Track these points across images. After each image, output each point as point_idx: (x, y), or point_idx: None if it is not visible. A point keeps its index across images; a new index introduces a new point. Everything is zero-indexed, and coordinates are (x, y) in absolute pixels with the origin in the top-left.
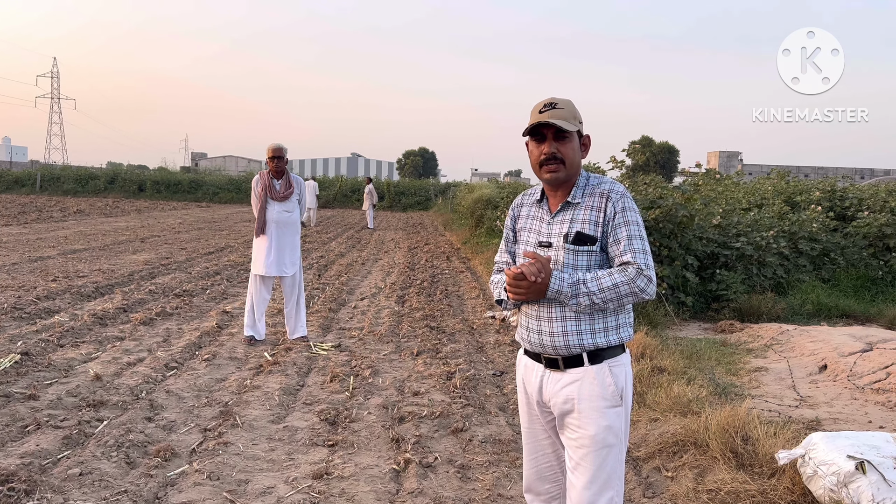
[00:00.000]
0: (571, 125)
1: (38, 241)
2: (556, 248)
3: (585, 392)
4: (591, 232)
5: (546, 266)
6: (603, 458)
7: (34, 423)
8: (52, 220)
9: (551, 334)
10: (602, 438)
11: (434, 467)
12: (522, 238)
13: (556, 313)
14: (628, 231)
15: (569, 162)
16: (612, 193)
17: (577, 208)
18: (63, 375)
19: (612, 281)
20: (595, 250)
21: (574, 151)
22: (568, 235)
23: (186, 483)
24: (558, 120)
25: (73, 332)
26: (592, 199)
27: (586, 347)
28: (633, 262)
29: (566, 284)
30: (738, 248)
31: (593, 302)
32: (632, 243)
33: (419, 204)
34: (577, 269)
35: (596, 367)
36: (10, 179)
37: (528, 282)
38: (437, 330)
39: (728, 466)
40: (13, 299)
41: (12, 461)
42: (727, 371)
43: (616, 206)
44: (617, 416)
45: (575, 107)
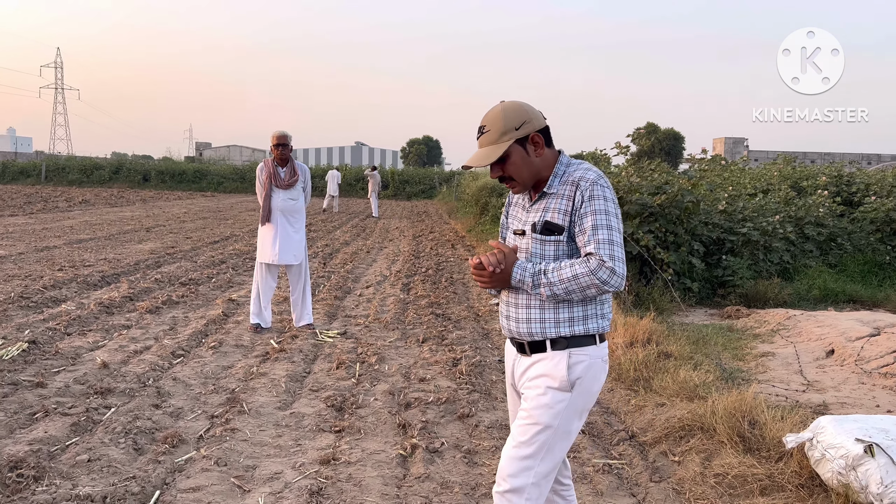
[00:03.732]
0: (500, 145)
1: (44, 230)
2: (527, 236)
3: (539, 370)
4: (559, 221)
5: (510, 255)
6: (534, 433)
7: (42, 411)
8: (58, 210)
9: (517, 320)
10: (537, 414)
11: (441, 452)
12: (509, 223)
13: (522, 301)
14: (594, 220)
15: (519, 176)
16: (581, 181)
17: (552, 197)
18: (70, 363)
19: (572, 272)
20: (562, 240)
21: (520, 165)
22: (536, 224)
23: (194, 469)
24: (478, 158)
25: (80, 320)
26: (564, 188)
27: (549, 336)
28: (596, 252)
29: (528, 274)
30: (744, 233)
31: (554, 293)
32: (596, 233)
33: (423, 192)
34: (544, 259)
35: (556, 353)
36: (15, 170)
37: (489, 271)
38: (443, 317)
39: (735, 451)
40: (20, 288)
41: (21, 448)
42: (734, 356)
43: (584, 194)
44: (560, 400)
45: (511, 112)
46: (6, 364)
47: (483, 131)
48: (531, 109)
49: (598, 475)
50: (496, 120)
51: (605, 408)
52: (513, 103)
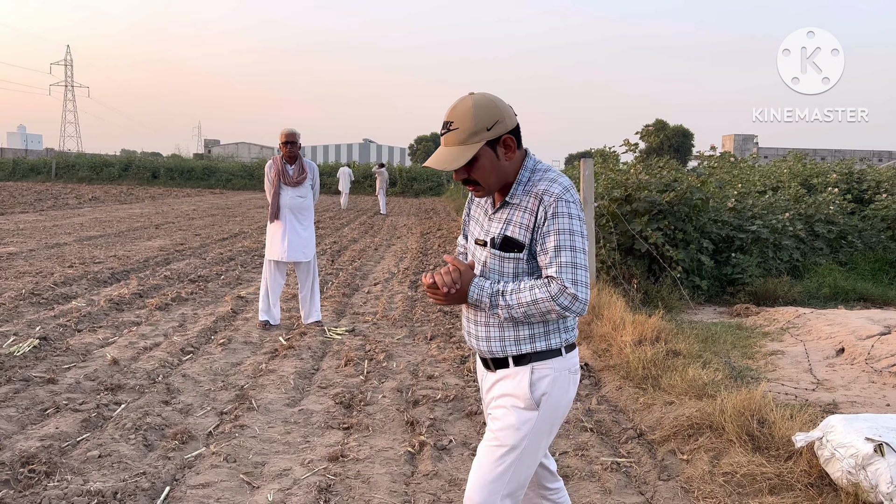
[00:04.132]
0: (469, 146)
1: (55, 227)
2: (486, 249)
3: (503, 389)
4: (519, 237)
5: (466, 273)
6: (500, 455)
7: (53, 407)
8: (68, 207)
9: (477, 337)
10: (502, 436)
11: (449, 450)
12: (470, 228)
13: (481, 318)
14: (556, 241)
15: (485, 182)
16: (545, 195)
17: (514, 209)
18: (81, 360)
19: (531, 296)
20: (522, 258)
21: (489, 169)
22: (495, 239)
23: (203, 465)
24: (444, 160)
25: (91, 317)
26: (527, 199)
27: (511, 354)
28: (557, 277)
29: (485, 294)
30: (753, 231)
31: (512, 315)
32: (558, 255)
33: (431, 189)
34: (504, 276)
35: (519, 368)
36: (25, 167)
37: (443, 291)
38: (451, 314)
39: (744, 449)
40: (31, 285)
41: (33, 443)
42: (743, 355)
43: (547, 210)
44: (526, 420)
45: (482, 109)
46: (17, 360)
47: (450, 128)
48: (503, 106)
49: (606, 473)
50: (466, 117)
51: (614, 406)
52: (484, 98)
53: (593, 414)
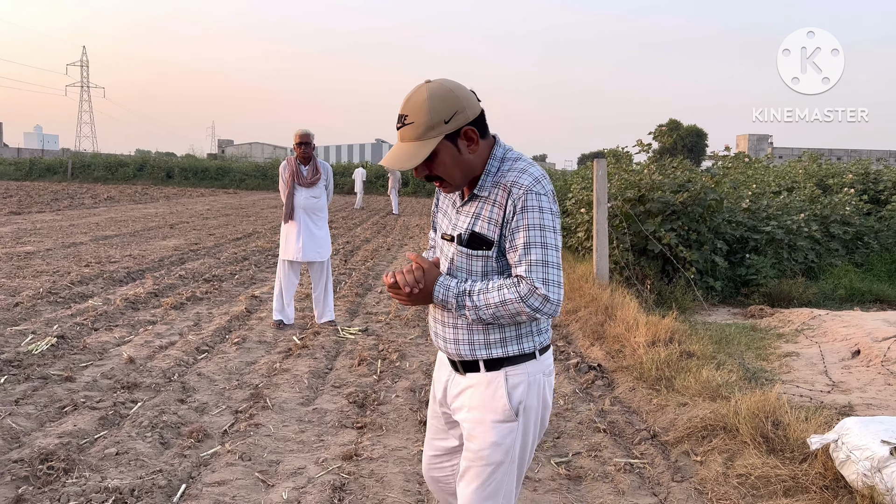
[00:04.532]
0: (426, 142)
1: (71, 227)
2: (454, 245)
3: (476, 401)
4: (488, 233)
5: (430, 272)
6: (488, 474)
7: (71, 404)
8: (84, 206)
9: (445, 339)
10: (487, 455)
11: None
12: (438, 221)
13: (448, 319)
14: (526, 237)
15: (450, 177)
16: (514, 187)
17: (483, 201)
18: (98, 358)
19: (499, 297)
20: (491, 255)
21: (451, 165)
22: (462, 235)
23: (219, 463)
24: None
25: (107, 316)
26: (496, 192)
27: (481, 357)
28: (527, 276)
29: (451, 294)
30: (768, 231)
31: (480, 317)
32: (528, 253)
33: None
34: (472, 275)
35: (491, 375)
36: (42, 167)
37: (406, 291)
38: None
39: (758, 451)
40: (48, 284)
41: (51, 440)
42: (757, 356)
43: (517, 205)
44: (508, 433)
45: (438, 100)
46: (36, 358)
47: (405, 122)
48: (463, 94)
49: (619, 474)
50: (421, 110)
51: (627, 407)
52: (441, 87)
53: (606, 415)
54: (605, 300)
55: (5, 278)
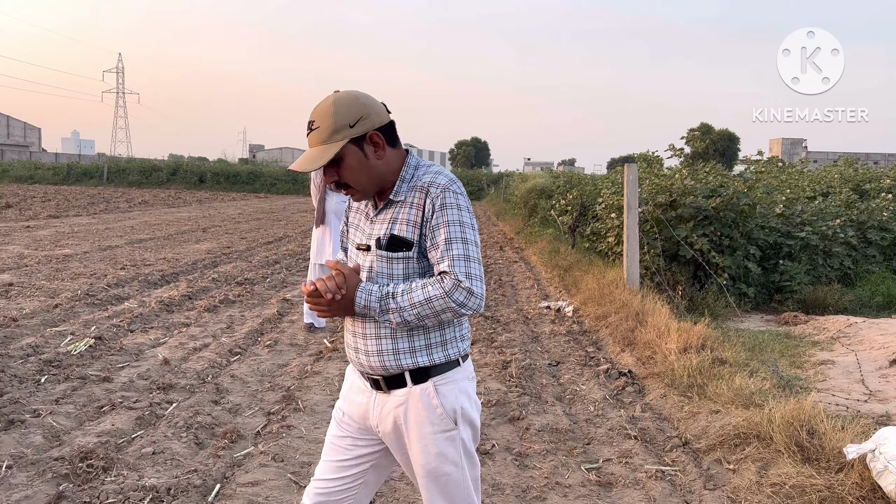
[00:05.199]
0: (331, 145)
1: (107, 230)
2: (371, 252)
3: (411, 417)
4: (407, 235)
5: (351, 278)
6: (443, 485)
7: (109, 404)
8: (119, 210)
9: (367, 353)
10: (434, 468)
11: (492, 454)
12: (351, 235)
13: (370, 329)
14: (447, 233)
15: (357, 183)
16: (431, 187)
17: (399, 206)
18: (134, 359)
19: (424, 295)
20: (412, 256)
21: (357, 169)
22: (381, 240)
23: (252, 464)
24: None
25: (142, 318)
26: (413, 195)
27: (407, 367)
28: (450, 271)
29: (374, 299)
30: (802, 237)
31: (405, 319)
32: (450, 248)
33: (471, 194)
34: (392, 279)
35: (420, 388)
36: (79, 172)
37: (327, 299)
38: (492, 319)
39: (793, 460)
40: (86, 286)
41: (90, 439)
42: (791, 364)
43: (434, 202)
44: (450, 442)
45: (343, 106)
46: (75, 359)
47: (312, 128)
48: (370, 102)
49: (650, 481)
50: (326, 115)
51: (658, 414)
52: (347, 95)
53: (637, 421)
54: (635, 306)
55: (45, 280)
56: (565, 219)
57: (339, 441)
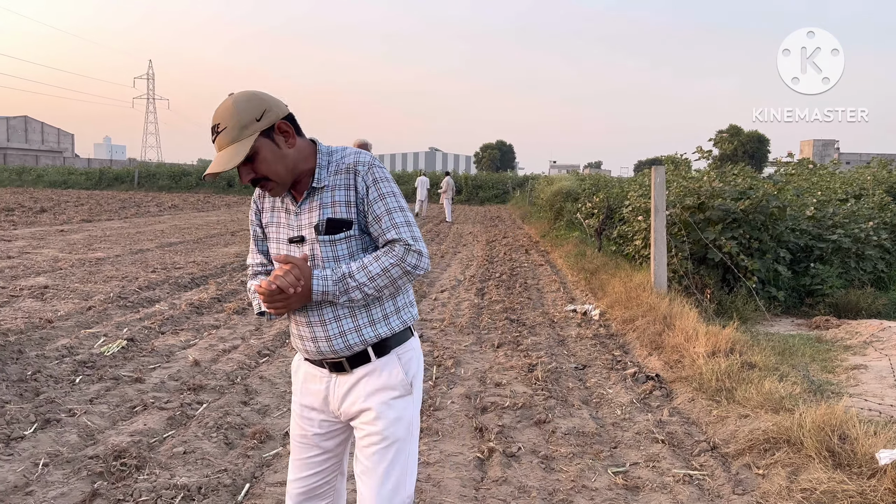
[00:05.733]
0: (244, 141)
1: (138, 234)
2: (309, 241)
3: (372, 386)
4: (344, 215)
5: (304, 269)
6: (393, 454)
7: (141, 405)
8: (150, 214)
9: (327, 339)
10: (392, 432)
11: (518, 457)
12: (272, 235)
13: (327, 315)
14: (386, 205)
15: (275, 174)
16: (359, 166)
17: (325, 192)
18: (165, 360)
19: (380, 266)
20: (353, 234)
21: (273, 160)
22: (319, 226)
23: (281, 464)
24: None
25: (173, 320)
26: (339, 177)
27: (370, 342)
28: (399, 238)
29: (331, 283)
30: (834, 240)
31: (366, 294)
32: (393, 217)
33: (497, 197)
34: (338, 261)
35: (384, 360)
36: (111, 177)
37: (287, 294)
38: (518, 322)
39: (824, 466)
40: (118, 289)
41: (123, 438)
42: (822, 368)
43: (367, 180)
44: (406, 406)
45: (245, 102)
46: (108, 360)
47: (218, 131)
48: (268, 97)
49: (678, 485)
50: (230, 115)
51: (686, 418)
52: (244, 93)
53: (665, 425)
54: (663, 309)
55: (79, 283)
56: (591, 222)
57: (305, 439)
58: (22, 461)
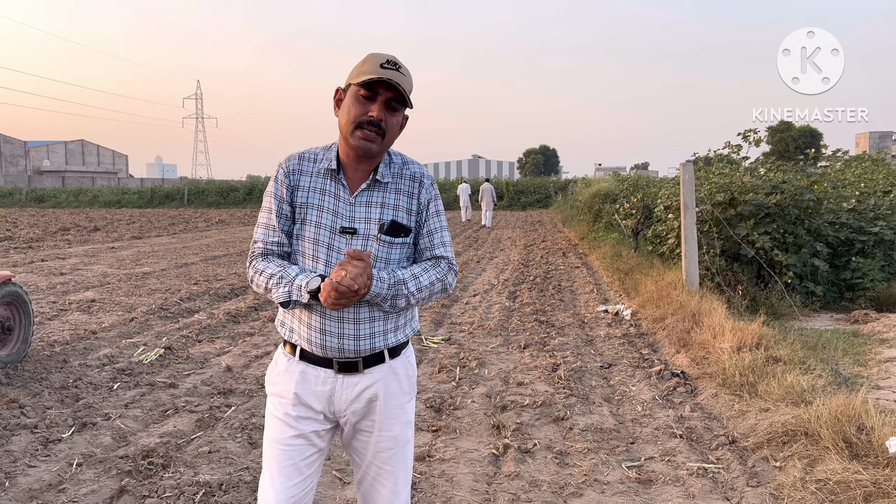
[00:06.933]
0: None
1: (184, 248)
2: (363, 236)
3: (391, 389)
4: (406, 221)
5: (369, 267)
6: (405, 455)
7: (173, 408)
8: (197, 230)
9: (356, 337)
10: (404, 435)
11: (532, 453)
12: (311, 217)
13: (364, 314)
14: (440, 222)
15: (389, 136)
16: (424, 178)
17: (388, 191)
18: (199, 367)
19: (429, 279)
20: (409, 242)
21: (397, 128)
22: (384, 225)
23: None
24: (404, 85)
25: (210, 328)
26: (403, 182)
27: (390, 345)
28: (445, 256)
29: (386, 286)
30: (876, 232)
31: (410, 303)
32: (443, 236)
33: (539, 202)
34: (389, 263)
35: (396, 361)
36: (162, 195)
37: (356, 292)
38: (547, 324)
39: (840, 456)
40: (160, 301)
41: (153, 440)
42: (854, 362)
43: (429, 194)
44: (412, 408)
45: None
46: (145, 367)
47: (399, 69)
48: None
49: (691, 478)
50: (409, 74)
51: (708, 413)
52: None
53: (685, 421)
54: (692, 307)
55: (124, 296)
56: (629, 222)
57: (295, 440)
58: (58, 461)
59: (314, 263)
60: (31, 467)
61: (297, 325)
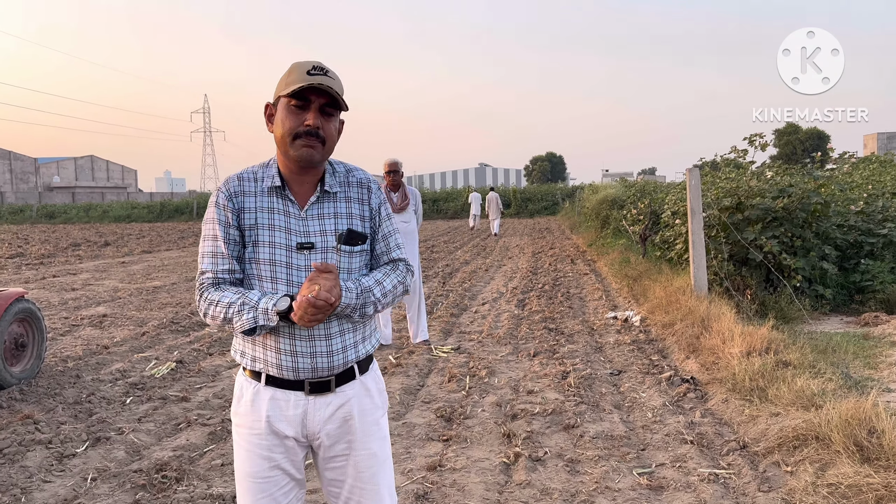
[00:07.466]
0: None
1: (194, 262)
2: (321, 250)
3: (365, 406)
4: (361, 229)
5: (338, 280)
6: (386, 473)
7: (185, 422)
8: None
9: (329, 353)
10: (383, 451)
11: (543, 461)
12: (264, 238)
13: (334, 328)
14: (392, 225)
15: (328, 143)
16: (371, 183)
17: (338, 200)
18: (211, 380)
19: (391, 283)
20: (367, 249)
21: (335, 133)
22: (342, 235)
23: (312, 474)
24: (335, 88)
25: (220, 342)
26: (351, 190)
27: (360, 358)
28: (402, 258)
29: (354, 296)
30: (884, 234)
31: (377, 309)
32: (396, 238)
33: (546, 209)
34: (350, 274)
35: (366, 377)
36: (171, 209)
37: (329, 306)
38: (556, 331)
39: (851, 460)
40: (171, 314)
41: (166, 453)
42: (865, 365)
43: (378, 198)
44: (386, 423)
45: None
46: (157, 381)
47: (327, 73)
48: None
49: (702, 484)
50: (338, 77)
51: (718, 419)
52: None
53: (695, 427)
54: (701, 312)
55: (135, 311)
56: (636, 228)
57: (271, 472)
58: (73, 476)
59: (274, 285)
60: (47, 482)
61: (262, 352)
